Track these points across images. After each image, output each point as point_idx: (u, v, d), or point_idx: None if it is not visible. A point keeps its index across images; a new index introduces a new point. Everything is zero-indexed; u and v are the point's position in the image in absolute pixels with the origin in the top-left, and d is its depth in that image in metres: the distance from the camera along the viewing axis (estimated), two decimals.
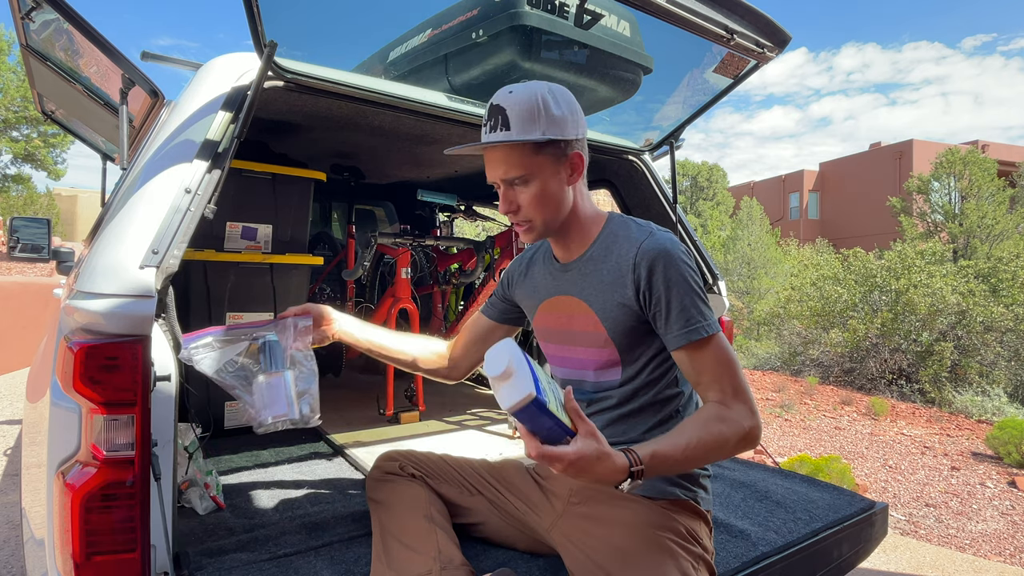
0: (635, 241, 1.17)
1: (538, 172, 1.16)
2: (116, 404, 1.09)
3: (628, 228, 1.22)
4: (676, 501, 1.20)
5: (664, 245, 1.14)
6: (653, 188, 2.41)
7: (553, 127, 1.13)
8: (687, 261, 1.14)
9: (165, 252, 1.19)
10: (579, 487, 1.27)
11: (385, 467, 1.45)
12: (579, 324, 1.23)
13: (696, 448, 1.02)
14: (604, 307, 1.19)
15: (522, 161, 1.16)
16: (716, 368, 1.10)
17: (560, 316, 1.28)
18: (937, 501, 4.16)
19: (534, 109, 1.12)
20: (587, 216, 1.25)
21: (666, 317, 1.13)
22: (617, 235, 1.21)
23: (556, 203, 1.19)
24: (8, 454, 3.88)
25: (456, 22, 1.79)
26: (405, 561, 1.19)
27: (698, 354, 1.11)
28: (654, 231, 1.18)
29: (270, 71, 1.40)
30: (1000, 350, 8.35)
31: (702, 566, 1.14)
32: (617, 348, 1.20)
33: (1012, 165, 20.55)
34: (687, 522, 1.18)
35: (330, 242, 3.82)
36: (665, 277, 1.12)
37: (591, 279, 1.21)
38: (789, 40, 1.76)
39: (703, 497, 1.24)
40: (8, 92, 15.90)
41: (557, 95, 1.16)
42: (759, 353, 11.15)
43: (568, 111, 1.16)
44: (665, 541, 1.12)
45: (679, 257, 1.13)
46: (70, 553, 1.08)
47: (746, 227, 17.95)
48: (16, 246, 2.53)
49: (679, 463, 1.02)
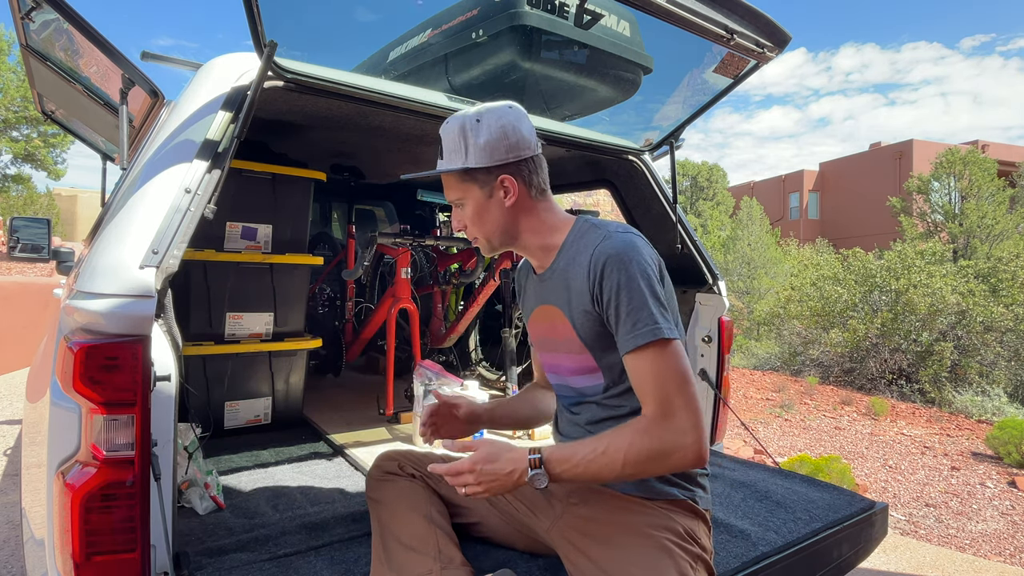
0: (592, 244, 1.18)
1: (469, 196, 1.24)
2: (116, 404, 1.09)
3: (590, 232, 1.23)
4: (674, 501, 1.20)
5: (618, 247, 1.13)
6: (653, 188, 2.41)
7: (475, 155, 1.20)
8: (643, 262, 1.12)
9: (165, 252, 1.19)
10: (578, 488, 1.27)
11: (385, 467, 1.45)
12: (559, 332, 1.26)
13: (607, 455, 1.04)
14: (574, 314, 1.21)
15: (456, 186, 1.25)
16: (659, 377, 1.07)
17: (545, 325, 1.31)
18: (937, 501, 4.16)
19: (456, 140, 1.22)
20: (547, 228, 1.28)
21: (616, 321, 1.12)
22: (581, 241, 1.23)
23: (493, 223, 1.25)
24: (8, 454, 3.88)
25: (456, 22, 1.79)
26: (405, 561, 1.20)
27: (643, 360, 1.08)
28: (612, 233, 1.17)
29: (270, 71, 1.40)
30: (1000, 350, 8.35)
31: (700, 566, 1.14)
32: (592, 354, 1.21)
33: (1012, 165, 20.55)
34: (685, 522, 1.18)
35: (330, 242, 3.82)
36: (616, 279, 1.11)
37: (563, 287, 1.24)
38: (789, 40, 1.76)
39: (701, 496, 1.24)
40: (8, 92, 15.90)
41: (485, 123, 1.20)
42: (759, 353, 11.15)
43: (498, 137, 1.20)
44: (663, 541, 1.12)
45: (633, 258, 1.12)
46: (70, 553, 1.08)
47: (746, 227, 17.95)
48: (16, 246, 2.53)
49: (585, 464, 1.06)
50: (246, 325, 2.35)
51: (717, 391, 2.30)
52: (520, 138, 1.22)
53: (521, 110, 1.25)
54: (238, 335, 2.34)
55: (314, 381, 3.26)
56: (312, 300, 3.43)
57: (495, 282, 2.94)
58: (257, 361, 2.41)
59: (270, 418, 2.48)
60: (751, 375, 9.10)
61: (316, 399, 2.90)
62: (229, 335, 2.32)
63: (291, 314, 2.46)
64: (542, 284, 1.30)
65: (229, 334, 2.32)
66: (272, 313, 2.40)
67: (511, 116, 1.22)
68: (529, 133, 1.24)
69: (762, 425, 6.19)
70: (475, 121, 1.21)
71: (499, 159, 1.20)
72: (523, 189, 1.24)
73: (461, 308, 3.40)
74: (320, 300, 3.52)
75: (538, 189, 1.26)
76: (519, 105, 1.26)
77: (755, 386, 8.18)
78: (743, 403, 7.14)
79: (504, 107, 1.23)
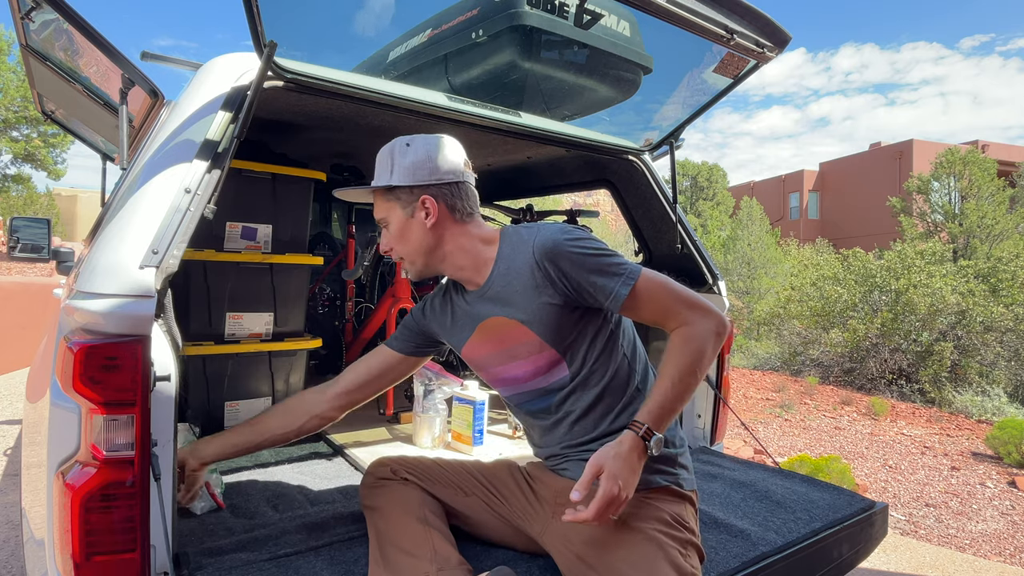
0: (527, 244, 1.23)
1: (392, 215, 1.31)
2: (116, 404, 1.09)
3: (519, 236, 1.27)
4: (658, 488, 1.21)
5: (551, 235, 1.20)
6: (653, 188, 2.41)
7: (399, 174, 1.27)
8: (576, 236, 1.21)
9: (165, 252, 1.19)
10: (563, 489, 1.27)
11: (377, 472, 1.46)
12: (512, 339, 1.28)
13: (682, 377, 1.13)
14: (529, 314, 1.24)
15: (381, 205, 1.32)
16: (657, 299, 1.18)
17: (492, 339, 1.32)
18: (937, 501, 4.16)
19: (385, 160, 1.29)
20: (476, 243, 1.31)
21: (593, 290, 1.19)
22: (513, 247, 1.27)
23: (415, 243, 1.30)
24: (8, 454, 3.88)
25: (456, 22, 1.79)
26: (403, 565, 1.19)
27: (637, 300, 1.17)
28: (540, 228, 1.24)
29: (270, 71, 1.40)
30: (1000, 350, 8.35)
31: (691, 550, 1.14)
32: (554, 347, 1.25)
33: (1012, 165, 20.55)
34: (671, 508, 1.19)
35: (330, 242, 3.82)
36: (570, 261, 1.18)
37: (507, 294, 1.26)
38: (789, 40, 1.76)
39: (685, 478, 1.26)
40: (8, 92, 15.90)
41: (414, 147, 1.27)
42: (759, 353, 11.15)
43: (422, 159, 1.26)
44: (651, 532, 1.13)
45: (568, 239, 1.20)
46: (70, 553, 1.08)
47: (746, 227, 17.95)
48: (16, 246, 2.53)
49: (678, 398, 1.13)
50: (246, 325, 2.35)
51: (717, 391, 2.30)
52: (445, 162, 1.27)
53: (455, 142, 1.31)
54: (238, 335, 2.34)
55: (314, 381, 3.25)
56: (312, 300, 3.43)
57: None
58: (257, 361, 2.40)
59: None
60: (751, 375, 9.10)
61: None
62: (229, 335, 2.32)
63: (291, 314, 2.46)
64: (481, 300, 1.31)
65: (229, 334, 2.32)
66: (272, 313, 2.40)
67: (439, 143, 1.28)
68: (455, 162, 1.29)
69: (762, 425, 6.19)
70: (405, 145, 1.28)
71: (421, 179, 1.26)
72: (444, 211, 1.28)
73: None
74: (320, 300, 3.52)
75: (463, 212, 1.30)
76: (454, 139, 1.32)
77: (755, 386, 8.18)
78: (743, 403, 7.14)
79: (436, 136, 1.30)
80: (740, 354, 11.36)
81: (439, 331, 1.46)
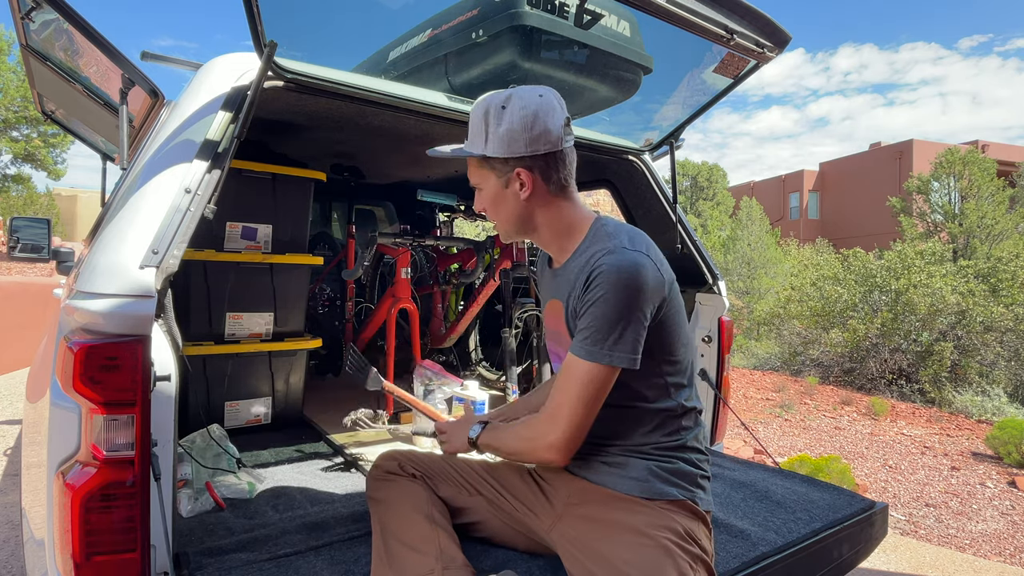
0: (598, 253, 1.17)
1: (485, 182, 1.26)
2: (116, 404, 1.09)
3: (600, 240, 1.22)
4: (674, 501, 1.20)
5: (617, 264, 1.12)
6: (653, 188, 2.41)
7: (494, 144, 1.19)
8: (632, 285, 1.11)
9: (165, 252, 1.19)
10: (578, 488, 1.27)
11: (385, 466, 1.45)
12: (562, 326, 1.28)
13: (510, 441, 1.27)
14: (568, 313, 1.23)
15: (475, 171, 1.27)
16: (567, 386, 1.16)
17: (551, 317, 1.33)
18: (937, 501, 4.16)
19: (479, 124, 1.22)
20: (564, 227, 1.27)
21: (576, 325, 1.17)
22: (591, 246, 1.22)
23: (508, 213, 1.27)
24: (8, 454, 3.88)
25: (456, 22, 1.79)
26: (407, 561, 1.19)
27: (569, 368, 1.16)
28: (616, 248, 1.15)
29: (270, 71, 1.40)
30: (1000, 350, 8.35)
31: (700, 567, 1.13)
32: None
33: (1012, 165, 20.55)
34: (685, 522, 1.18)
35: (330, 242, 3.82)
36: (598, 293, 1.12)
37: (570, 284, 1.23)
38: (789, 40, 1.76)
39: (702, 498, 1.24)
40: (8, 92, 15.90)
41: (510, 110, 1.18)
42: (759, 353, 11.15)
43: (519, 127, 1.17)
44: (663, 540, 1.12)
45: (624, 281, 1.11)
46: (70, 553, 1.08)
47: (746, 227, 17.94)
48: (16, 246, 2.53)
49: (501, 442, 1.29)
50: (246, 325, 2.35)
51: (717, 391, 2.30)
52: (543, 131, 1.18)
53: (552, 100, 1.20)
54: (238, 335, 2.34)
55: (314, 381, 3.26)
56: (312, 300, 3.43)
57: (495, 282, 2.94)
58: (257, 361, 2.40)
59: (270, 418, 2.48)
60: (751, 375, 9.10)
61: (316, 399, 2.90)
62: (229, 335, 2.32)
63: (291, 314, 2.46)
64: (555, 279, 1.31)
65: (229, 334, 2.32)
66: (272, 313, 2.40)
67: (538, 106, 1.18)
68: (555, 126, 1.19)
69: (762, 425, 6.19)
70: (500, 108, 1.18)
71: (516, 152, 1.19)
72: (540, 184, 1.22)
73: (461, 308, 3.40)
74: (320, 300, 3.52)
75: (558, 185, 1.24)
76: (553, 93, 1.22)
77: (755, 386, 8.18)
78: (743, 403, 7.14)
79: (534, 94, 1.19)
80: (740, 354, 11.36)
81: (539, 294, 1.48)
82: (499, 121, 1.18)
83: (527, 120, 1.17)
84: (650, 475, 1.20)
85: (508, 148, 1.18)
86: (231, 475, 1.83)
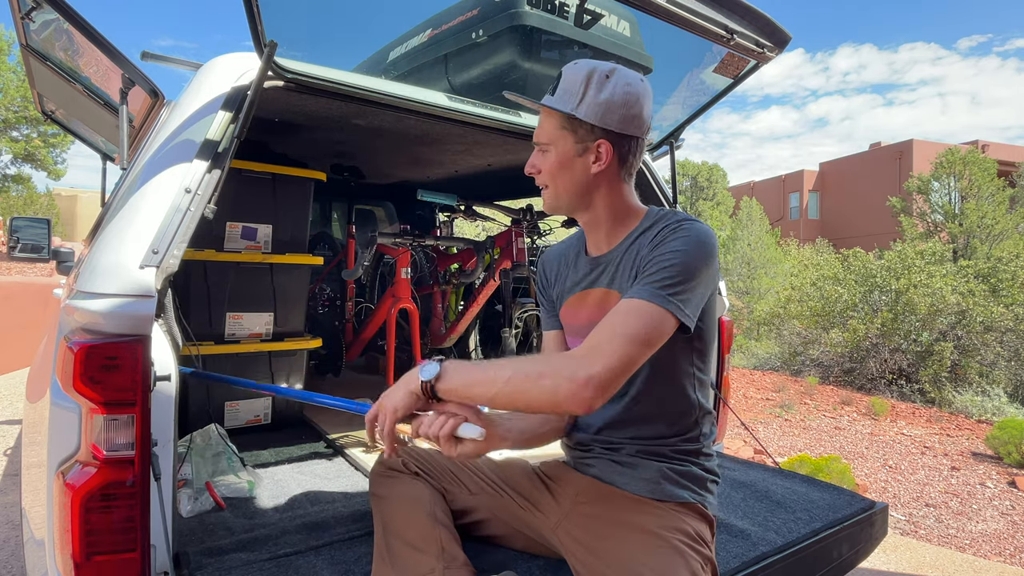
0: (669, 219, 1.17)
1: (557, 143, 1.19)
2: (116, 404, 1.09)
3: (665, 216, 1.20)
4: (685, 503, 1.20)
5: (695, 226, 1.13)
6: (653, 188, 2.40)
7: (588, 108, 1.15)
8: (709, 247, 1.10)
9: (165, 252, 1.20)
10: (587, 487, 1.26)
11: (388, 463, 1.44)
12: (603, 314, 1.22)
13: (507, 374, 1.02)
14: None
15: (549, 129, 1.20)
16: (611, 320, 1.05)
17: (590, 309, 1.26)
18: (937, 501, 4.16)
19: (578, 83, 1.15)
20: (622, 209, 1.24)
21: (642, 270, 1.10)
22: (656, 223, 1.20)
23: (570, 181, 1.20)
24: (8, 454, 3.88)
25: (456, 22, 1.79)
26: (408, 559, 1.19)
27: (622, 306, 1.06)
28: (690, 218, 1.16)
29: (270, 71, 1.40)
30: (1000, 350, 8.35)
31: (709, 569, 1.13)
32: None
33: (1012, 165, 20.55)
34: (695, 524, 1.18)
35: (330, 242, 3.82)
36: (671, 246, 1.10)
37: (624, 269, 1.20)
38: (789, 40, 1.76)
39: (710, 502, 1.24)
40: (8, 92, 15.90)
41: (614, 81, 1.15)
42: (759, 353, 11.15)
43: (619, 102, 1.15)
44: (674, 541, 1.12)
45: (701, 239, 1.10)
46: (70, 553, 1.08)
47: (746, 227, 17.95)
48: (16, 246, 2.53)
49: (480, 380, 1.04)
50: (246, 325, 2.35)
51: (717, 391, 2.30)
52: (638, 115, 1.17)
53: (650, 90, 1.20)
54: (238, 335, 2.34)
55: (314, 381, 3.26)
56: (312, 300, 3.43)
57: (495, 282, 2.94)
58: (257, 361, 2.41)
59: (270, 418, 2.48)
60: (751, 375, 9.10)
61: None
62: (229, 335, 2.32)
63: (291, 314, 2.46)
64: (597, 268, 1.26)
65: (229, 334, 2.32)
66: (272, 313, 2.40)
67: (641, 90, 1.18)
68: (648, 115, 1.19)
69: (762, 425, 6.19)
70: (604, 76, 1.16)
71: (608, 123, 1.16)
72: (615, 163, 1.20)
73: (461, 308, 3.40)
74: (320, 300, 3.52)
75: (628, 171, 1.23)
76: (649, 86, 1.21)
77: (755, 386, 8.18)
78: (743, 403, 7.14)
79: (639, 78, 1.18)
80: (740, 354, 11.36)
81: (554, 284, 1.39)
82: (600, 88, 1.15)
83: (629, 98, 1.16)
84: (662, 477, 1.20)
85: (602, 118, 1.15)
86: (231, 475, 1.83)
